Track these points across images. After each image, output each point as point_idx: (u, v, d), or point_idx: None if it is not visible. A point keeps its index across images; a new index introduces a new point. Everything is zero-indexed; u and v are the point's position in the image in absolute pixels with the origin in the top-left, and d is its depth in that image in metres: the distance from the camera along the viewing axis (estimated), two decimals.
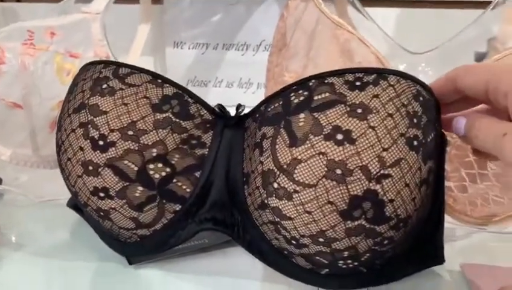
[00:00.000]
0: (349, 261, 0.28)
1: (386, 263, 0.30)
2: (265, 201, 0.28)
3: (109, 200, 0.31)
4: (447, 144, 0.30)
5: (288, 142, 0.27)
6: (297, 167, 0.27)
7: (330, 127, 0.27)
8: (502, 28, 0.45)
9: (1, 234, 0.37)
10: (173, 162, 0.30)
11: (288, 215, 0.28)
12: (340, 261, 0.28)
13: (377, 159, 0.26)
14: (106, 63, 0.33)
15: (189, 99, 0.31)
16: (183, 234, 0.32)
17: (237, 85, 0.60)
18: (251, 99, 0.58)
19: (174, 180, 0.31)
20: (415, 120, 0.27)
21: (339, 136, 0.27)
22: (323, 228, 0.27)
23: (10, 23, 0.41)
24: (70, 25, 0.42)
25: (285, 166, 0.27)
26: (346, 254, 0.28)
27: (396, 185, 0.26)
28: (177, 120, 0.31)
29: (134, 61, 0.55)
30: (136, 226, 0.32)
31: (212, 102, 0.33)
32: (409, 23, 0.53)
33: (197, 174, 0.31)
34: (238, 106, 0.32)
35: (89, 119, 0.31)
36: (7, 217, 0.40)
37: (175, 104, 0.31)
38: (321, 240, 0.27)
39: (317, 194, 0.27)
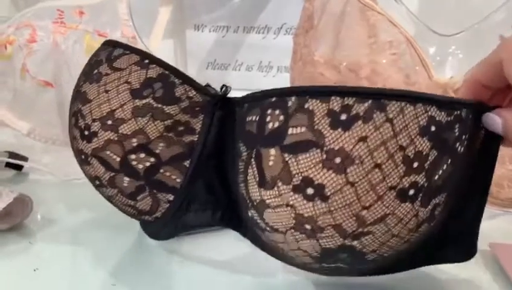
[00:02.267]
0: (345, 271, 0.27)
1: (398, 257, 0.27)
2: (249, 211, 0.26)
3: (104, 189, 0.31)
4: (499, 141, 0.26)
5: (257, 179, 0.24)
6: (265, 211, 0.24)
7: (300, 178, 0.23)
8: None
9: (33, 212, 0.37)
10: (157, 151, 0.28)
11: (265, 242, 0.26)
12: (327, 273, 0.28)
13: (354, 218, 0.23)
14: (108, 44, 0.31)
15: (176, 80, 0.28)
16: (180, 224, 0.31)
17: (257, 68, 0.60)
18: (271, 82, 0.58)
19: (161, 171, 0.29)
20: (415, 164, 0.22)
21: (309, 191, 0.23)
22: (303, 261, 0.25)
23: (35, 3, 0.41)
24: (98, 4, 0.43)
25: (255, 203, 0.25)
26: (334, 272, 0.27)
27: (380, 239, 0.23)
28: (159, 105, 0.28)
29: (155, 45, 0.56)
30: (137, 213, 0.31)
31: (232, 85, 0.30)
32: (430, 4, 0.53)
33: (186, 163, 0.29)
34: (223, 86, 0.29)
35: (79, 108, 0.30)
36: (33, 196, 0.41)
37: (158, 88, 0.28)
38: (302, 267, 0.27)
39: (288, 241, 0.24)
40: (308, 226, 0.23)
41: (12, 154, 0.45)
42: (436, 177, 0.23)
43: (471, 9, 0.45)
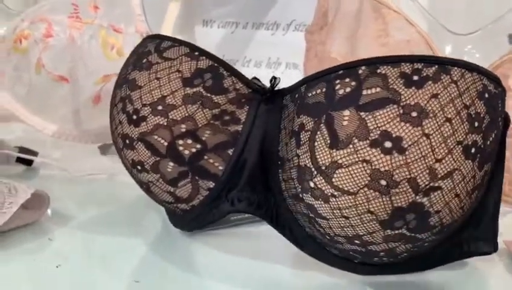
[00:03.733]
0: (385, 259, 0.28)
1: (430, 251, 0.28)
2: (300, 195, 0.27)
3: (146, 174, 0.31)
4: (509, 125, 0.28)
5: (329, 141, 0.25)
6: (336, 172, 0.25)
7: (378, 132, 0.24)
8: None
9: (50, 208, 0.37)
10: (204, 138, 0.30)
11: (323, 215, 0.26)
12: (375, 258, 0.28)
13: (427, 171, 0.24)
14: (154, 37, 0.33)
15: (224, 72, 0.30)
16: (217, 213, 0.32)
17: (265, 65, 0.60)
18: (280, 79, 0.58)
19: (206, 157, 0.30)
20: (476, 124, 0.25)
21: (388, 144, 0.24)
22: (360, 233, 0.26)
23: None
24: None
25: (323, 167, 0.25)
26: (382, 254, 0.27)
27: (446, 197, 0.25)
28: (209, 95, 0.29)
29: None
30: (174, 200, 0.32)
31: None
32: (443, 3, 0.53)
33: (230, 151, 0.30)
34: (273, 78, 0.30)
35: (127, 93, 0.31)
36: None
37: (207, 78, 0.30)
38: (357, 242, 0.27)
39: (357, 203, 0.25)
40: (383, 182, 0.24)
41: (22, 149, 0.45)
42: (488, 142, 0.26)
43: (482, 8, 0.46)
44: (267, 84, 0.31)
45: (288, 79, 0.31)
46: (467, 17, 0.45)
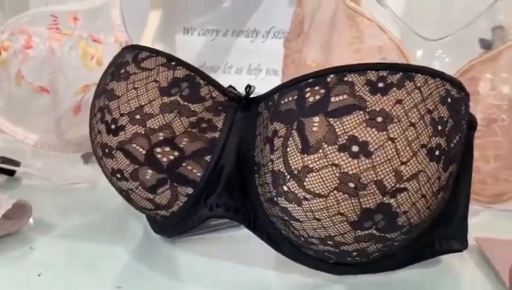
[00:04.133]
0: (358, 259, 0.29)
1: (400, 250, 0.30)
2: (275, 199, 0.28)
3: (125, 182, 0.32)
4: (476, 127, 0.30)
5: (300, 147, 0.26)
6: (308, 176, 0.26)
7: (346, 137, 0.25)
8: (509, 19, 0.47)
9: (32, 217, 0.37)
10: (181, 145, 0.30)
11: (297, 217, 0.27)
12: (348, 258, 0.29)
13: (393, 173, 0.25)
14: (133, 48, 0.34)
15: (201, 81, 0.31)
16: (196, 219, 0.32)
17: (246, 71, 0.61)
18: (260, 85, 0.59)
19: (184, 164, 0.31)
20: (439, 127, 0.26)
21: (355, 148, 0.25)
22: (332, 234, 0.27)
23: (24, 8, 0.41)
24: (92, 10, 0.43)
25: (295, 172, 0.26)
26: (355, 253, 0.28)
27: (412, 197, 0.26)
28: (186, 103, 0.30)
29: None
30: (154, 207, 0.33)
31: None
32: (415, 10, 0.55)
33: (207, 158, 0.31)
34: (248, 86, 0.31)
35: (106, 103, 0.32)
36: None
37: (184, 87, 0.30)
38: (330, 242, 0.28)
39: (328, 205, 0.26)
40: (351, 185, 0.25)
41: (4, 160, 0.45)
42: (452, 145, 0.27)
43: (453, 15, 0.47)
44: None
45: (268, 85, 0.31)
46: (438, 23, 0.46)
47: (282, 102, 0.28)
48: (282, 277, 0.32)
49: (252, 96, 0.31)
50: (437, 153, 0.26)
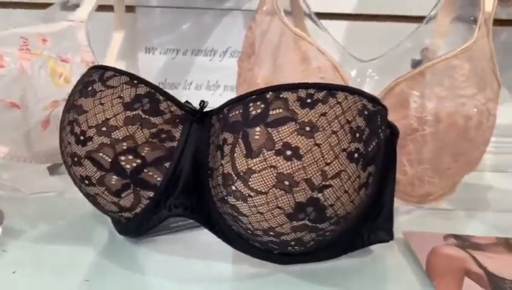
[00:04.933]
0: (297, 248, 0.34)
1: (335, 241, 0.35)
2: (225, 198, 0.32)
3: (93, 187, 0.35)
4: (398, 135, 0.35)
5: (245, 152, 0.31)
6: (251, 176, 0.30)
7: (281, 144, 0.30)
8: (433, 41, 0.54)
9: (2, 226, 0.40)
10: (143, 154, 0.34)
11: (243, 213, 0.32)
12: (289, 247, 0.34)
13: (320, 172, 0.30)
14: (98, 68, 0.38)
15: (160, 97, 0.35)
16: (157, 219, 0.36)
17: (205, 87, 0.65)
18: (218, 100, 0.63)
19: (145, 170, 0.34)
20: (357, 135, 0.31)
21: (288, 152, 0.30)
22: (273, 226, 0.32)
23: None
24: (59, 32, 0.46)
25: (241, 173, 0.31)
26: (293, 243, 0.33)
27: (336, 193, 0.31)
28: (147, 116, 0.34)
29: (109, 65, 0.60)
30: (119, 210, 0.36)
31: None
32: (355, 34, 0.62)
33: (167, 164, 0.35)
34: (201, 102, 0.35)
35: (75, 117, 0.35)
36: None
37: (146, 102, 0.34)
38: (271, 233, 0.32)
39: (268, 200, 0.31)
40: (286, 183, 0.30)
41: None
42: (369, 149, 0.32)
43: (386, 38, 0.54)
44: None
45: (226, 100, 0.34)
46: (371, 45, 0.52)
47: (231, 115, 0.33)
48: (236, 268, 0.37)
49: (205, 110, 0.35)
50: (356, 155, 0.31)
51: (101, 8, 0.59)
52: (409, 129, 0.43)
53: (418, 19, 0.55)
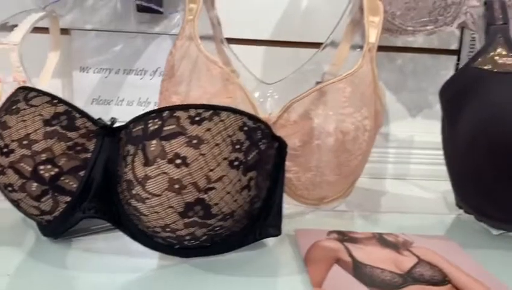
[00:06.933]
0: (192, 242, 0.39)
1: (229, 237, 0.40)
2: (129, 201, 0.38)
3: (15, 193, 0.40)
4: (286, 146, 0.42)
5: (143, 161, 0.36)
6: (147, 181, 0.36)
7: (172, 154, 0.36)
8: (333, 66, 0.62)
9: None
10: (60, 164, 0.39)
11: (143, 213, 0.37)
12: (185, 242, 0.39)
13: (204, 177, 0.36)
14: (24, 89, 0.43)
15: (77, 115, 0.40)
16: (73, 220, 0.41)
17: (136, 103, 0.71)
18: None
19: (62, 178, 0.40)
20: (237, 146, 0.37)
21: (178, 161, 0.36)
22: (168, 223, 0.37)
23: None
24: None
25: (140, 179, 0.36)
26: (188, 237, 0.38)
27: (220, 194, 0.37)
28: (64, 131, 0.40)
29: (44, 84, 0.65)
30: (40, 213, 0.41)
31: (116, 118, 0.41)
32: (270, 58, 0.69)
33: (81, 173, 0.40)
34: (112, 118, 0.41)
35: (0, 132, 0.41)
36: None
37: (63, 119, 0.40)
38: (168, 229, 0.38)
39: (161, 201, 0.36)
40: (177, 186, 0.36)
41: None
42: (249, 158, 0.38)
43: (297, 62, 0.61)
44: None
45: None
46: (275, 68, 0.60)
47: (134, 130, 0.39)
48: (148, 261, 0.42)
49: (116, 125, 0.41)
50: (236, 163, 0.37)
51: (38, 30, 0.64)
52: (301, 141, 0.51)
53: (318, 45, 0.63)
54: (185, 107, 0.38)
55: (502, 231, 0.51)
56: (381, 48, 0.71)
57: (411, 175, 0.74)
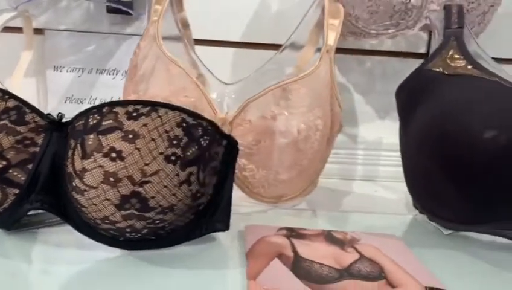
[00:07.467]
0: (134, 234, 0.40)
1: (173, 230, 0.41)
2: (71, 193, 0.39)
3: None
4: (236, 145, 0.43)
5: (81, 155, 0.38)
6: (85, 174, 0.38)
7: (108, 148, 0.37)
8: (293, 69, 0.64)
9: None
10: (8, 157, 0.41)
11: (83, 204, 0.39)
12: (127, 234, 0.40)
13: (140, 171, 0.37)
14: None
15: (27, 110, 0.42)
16: (22, 211, 0.42)
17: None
18: None
19: (10, 171, 0.41)
20: (174, 142, 0.38)
21: (113, 155, 0.37)
22: (106, 215, 0.38)
23: None
24: None
25: (78, 172, 0.38)
26: (128, 230, 0.39)
27: (156, 187, 0.38)
28: (13, 126, 0.41)
29: (16, 82, 0.67)
30: None
31: None
32: (239, 60, 0.71)
33: (29, 166, 0.41)
34: (59, 114, 0.42)
35: None
36: None
37: (13, 114, 0.41)
38: (107, 221, 0.39)
39: (98, 193, 0.38)
40: (112, 179, 0.37)
41: None
42: (188, 153, 0.39)
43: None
44: None
45: None
46: (245, 70, 0.62)
47: (76, 124, 0.40)
48: (92, 254, 0.43)
49: (64, 120, 0.43)
50: (173, 158, 0.38)
51: (11, 29, 0.66)
52: (256, 140, 0.52)
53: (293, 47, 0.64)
54: (124, 103, 0.39)
55: (452, 231, 0.52)
56: (350, 51, 0.73)
57: (380, 177, 0.75)
